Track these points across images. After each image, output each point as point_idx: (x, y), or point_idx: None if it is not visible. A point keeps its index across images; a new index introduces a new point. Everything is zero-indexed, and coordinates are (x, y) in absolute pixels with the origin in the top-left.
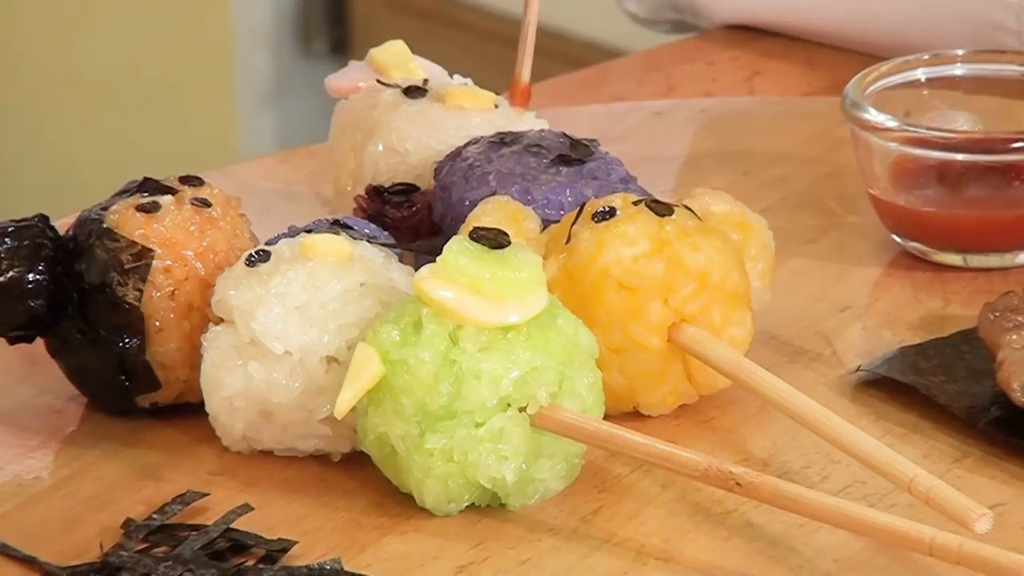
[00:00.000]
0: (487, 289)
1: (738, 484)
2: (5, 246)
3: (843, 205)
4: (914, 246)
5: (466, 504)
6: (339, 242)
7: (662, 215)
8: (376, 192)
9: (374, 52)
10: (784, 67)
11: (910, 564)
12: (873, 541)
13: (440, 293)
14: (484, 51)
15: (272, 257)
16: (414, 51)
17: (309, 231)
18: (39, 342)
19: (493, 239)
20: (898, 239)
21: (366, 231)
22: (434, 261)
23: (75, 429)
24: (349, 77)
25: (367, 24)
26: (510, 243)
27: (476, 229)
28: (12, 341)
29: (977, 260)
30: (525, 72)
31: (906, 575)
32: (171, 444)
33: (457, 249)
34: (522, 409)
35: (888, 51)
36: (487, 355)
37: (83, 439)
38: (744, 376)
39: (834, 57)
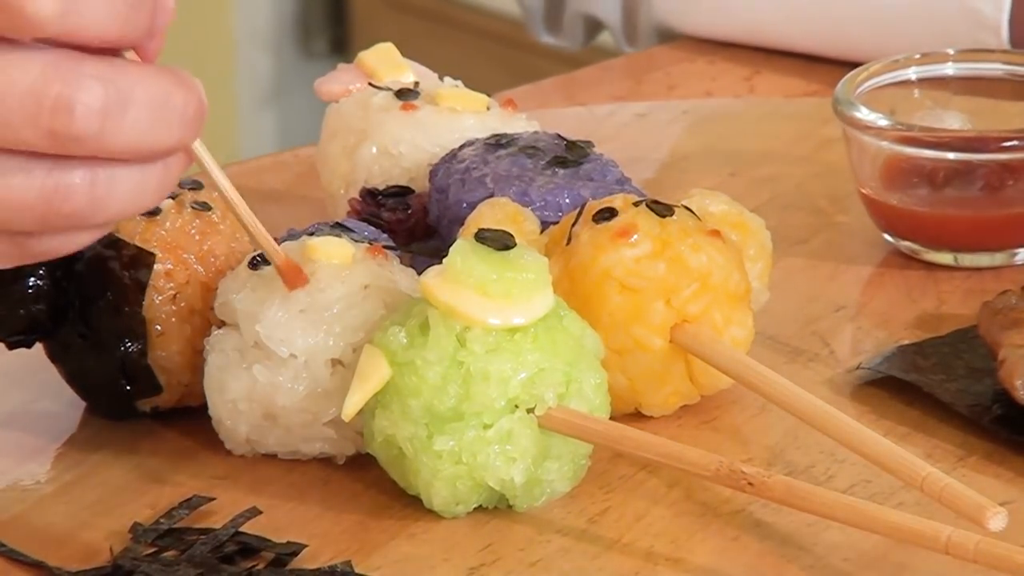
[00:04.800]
0: (494, 290)
1: (750, 484)
2: None
3: (833, 204)
4: (906, 245)
5: (474, 506)
6: (342, 245)
7: (663, 216)
8: (370, 195)
9: (363, 55)
10: (784, 67)
11: (922, 562)
12: (883, 539)
13: (447, 295)
14: (484, 51)
15: None
16: (414, 51)
17: (311, 234)
18: (38, 346)
19: (499, 240)
20: (889, 238)
21: (365, 234)
22: (434, 264)
23: (76, 434)
24: (338, 80)
25: (367, 24)
26: (516, 244)
27: (482, 230)
28: (12, 346)
29: (968, 259)
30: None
31: (918, 573)
32: (173, 448)
33: (463, 251)
34: (530, 410)
35: (865, 57)
36: (495, 356)
37: (84, 444)
38: (748, 375)
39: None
